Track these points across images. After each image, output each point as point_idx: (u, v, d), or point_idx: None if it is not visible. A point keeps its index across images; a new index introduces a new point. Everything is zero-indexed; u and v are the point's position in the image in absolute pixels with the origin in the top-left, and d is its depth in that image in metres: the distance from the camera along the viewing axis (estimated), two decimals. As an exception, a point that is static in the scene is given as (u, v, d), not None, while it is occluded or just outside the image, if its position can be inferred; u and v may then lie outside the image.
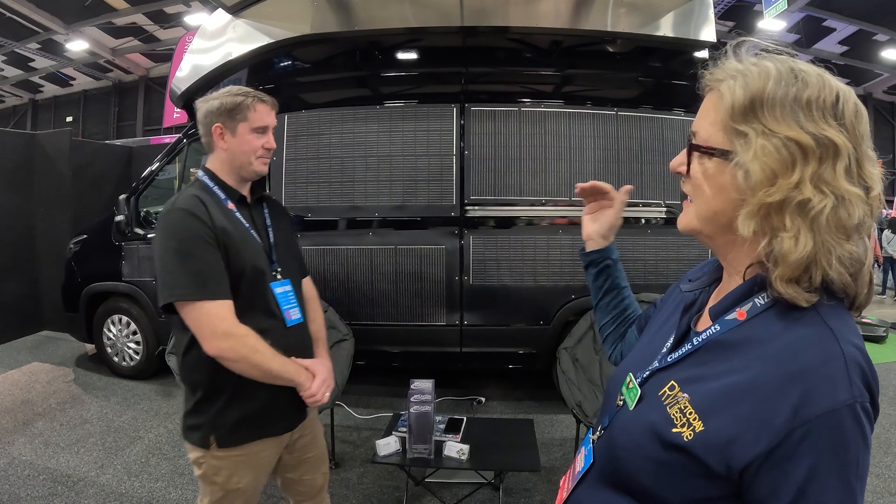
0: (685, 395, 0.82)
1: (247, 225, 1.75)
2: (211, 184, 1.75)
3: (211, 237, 1.60)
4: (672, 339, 0.96)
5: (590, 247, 1.32)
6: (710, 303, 0.95)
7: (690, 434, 0.78)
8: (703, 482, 0.77)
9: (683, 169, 0.89)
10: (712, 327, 0.86)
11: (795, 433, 0.70)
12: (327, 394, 1.77)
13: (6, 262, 5.20)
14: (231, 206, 1.74)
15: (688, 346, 0.89)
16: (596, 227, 1.31)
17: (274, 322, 1.74)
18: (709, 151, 0.84)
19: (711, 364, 0.83)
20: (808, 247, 0.74)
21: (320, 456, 2.05)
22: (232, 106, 1.71)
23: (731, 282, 0.90)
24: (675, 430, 0.80)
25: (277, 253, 1.82)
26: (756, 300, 0.82)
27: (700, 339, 0.87)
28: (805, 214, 0.75)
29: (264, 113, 1.75)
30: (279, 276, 1.79)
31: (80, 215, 5.59)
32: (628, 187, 1.28)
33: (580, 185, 1.30)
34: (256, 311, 1.70)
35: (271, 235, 1.84)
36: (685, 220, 0.91)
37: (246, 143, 1.73)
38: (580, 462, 1.03)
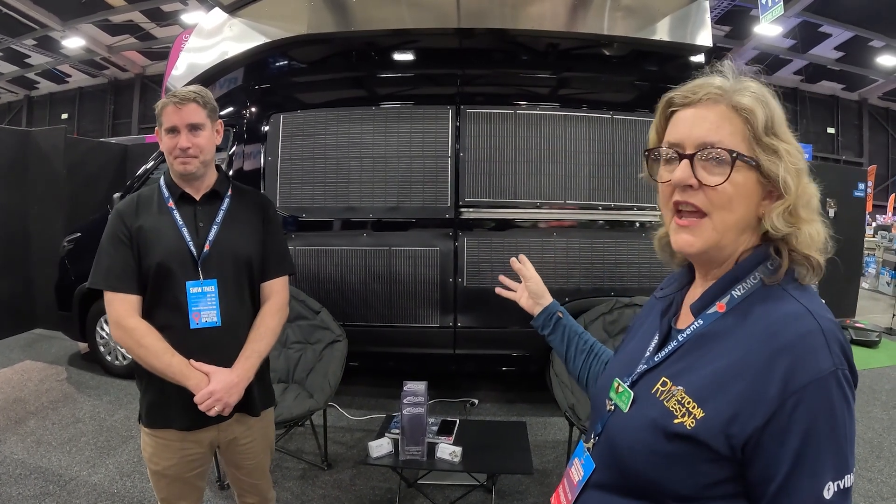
0: (679, 387, 0.88)
1: (179, 223, 1.79)
2: (162, 183, 1.86)
3: (125, 235, 1.74)
4: (655, 340, 1.00)
5: (536, 312, 1.46)
6: (686, 303, 1.02)
7: (692, 422, 0.83)
8: (710, 467, 0.82)
9: (694, 182, 0.89)
10: (695, 322, 0.93)
11: (788, 402, 0.77)
12: (216, 407, 1.71)
13: (-1, 259, 5.18)
14: (171, 203, 1.81)
15: (673, 344, 0.94)
16: (528, 298, 1.48)
17: (177, 321, 1.76)
18: (749, 162, 0.88)
19: (699, 355, 0.89)
20: (822, 230, 0.89)
21: (260, 465, 2.05)
22: (156, 113, 1.83)
23: (706, 282, 0.96)
24: (676, 420, 0.85)
25: (210, 252, 1.79)
26: (733, 293, 0.91)
27: (685, 335, 0.93)
28: (809, 206, 0.89)
29: (171, 113, 1.78)
30: (200, 276, 1.77)
31: (74, 213, 5.57)
32: (522, 257, 1.53)
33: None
34: (163, 307, 1.77)
35: (212, 234, 1.81)
36: (703, 239, 0.90)
37: (164, 144, 1.82)
38: (578, 472, 1.04)
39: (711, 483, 0.82)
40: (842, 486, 0.78)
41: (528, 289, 1.47)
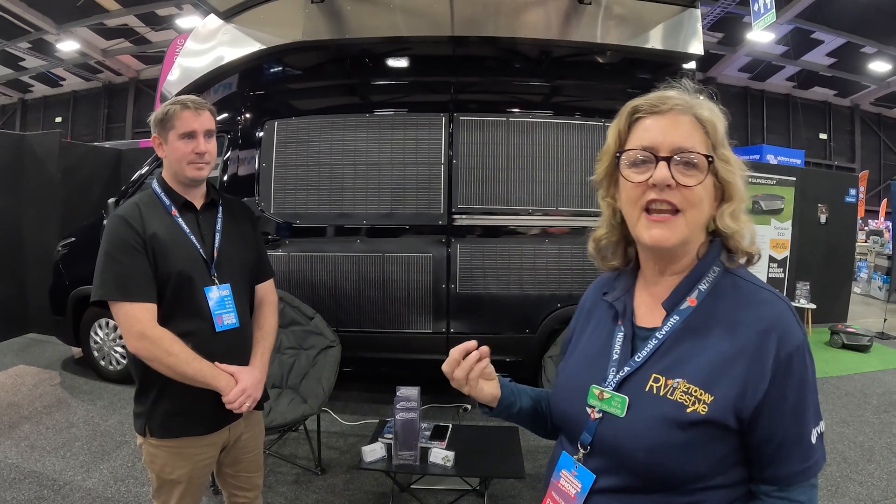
0: (679, 379, 0.95)
1: (187, 231, 1.82)
2: (159, 190, 1.86)
3: (139, 243, 1.71)
4: (620, 342, 1.06)
5: (499, 396, 1.20)
6: (638, 302, 1.10)
7: (704, 408, 0.92)
8: (719, 443, 0.93)
9: (673, 182, 0.96)
10: (671, 318, 1.01)
11: (780, 371, 0.91)
12: (247, 403, 1.81)
13: (-7, 263, 5.17)
14: (174, 211, 1.83)
15: (653, 342, 1.01)
16: (490, 386, 1.19)
17: (202, 326, 1.80)
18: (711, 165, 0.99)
19: (686, 348, 0.98)
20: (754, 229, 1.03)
21: (257, 458, 2.11)
22: (162, 116, 1.81)
23: (663, 281, 1.06)
24: (689, 409, 0.93)
25: (219, 258, 1.86)
26: (700, 287, 1.01)
27: (664, 332, 1.01)
28: (745, 210, 1.02)
29: (189, 119, 1.80)
30: (216, 281, 1.84)
31: (68, 217, 5.57)
32: (485, 349, 1.15)
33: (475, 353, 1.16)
34: (183, 314, 1.78)
35: (217, 241, 1.88)
36: (677, 233, 0.98)
37: (176, 150, 1.80)
38: (573, 484, 1.04)
39: (721, 456, 0.93)
40: (819, 432, 0.96)
41: (489, 374, 1.19)
